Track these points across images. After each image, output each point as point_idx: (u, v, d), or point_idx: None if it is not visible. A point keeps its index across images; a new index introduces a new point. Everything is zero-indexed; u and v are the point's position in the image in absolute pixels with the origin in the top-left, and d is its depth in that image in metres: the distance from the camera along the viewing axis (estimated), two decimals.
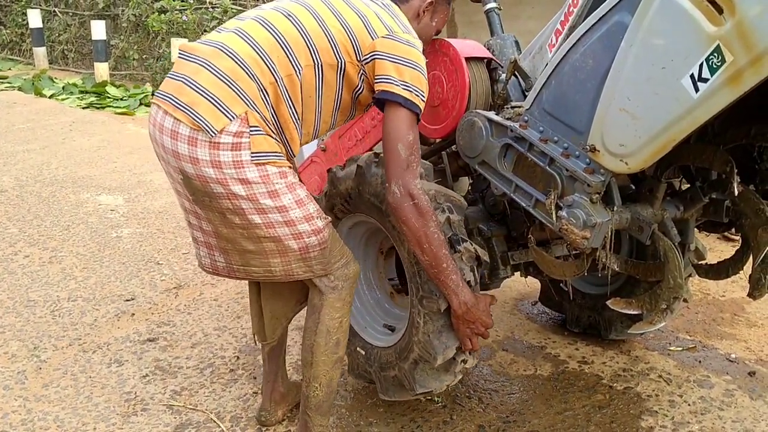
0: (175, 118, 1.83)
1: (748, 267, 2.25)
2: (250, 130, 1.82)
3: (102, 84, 10.20)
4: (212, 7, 9.87)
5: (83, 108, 9.19)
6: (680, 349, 3.13)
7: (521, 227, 2.47)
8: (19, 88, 10.36)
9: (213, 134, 1.79)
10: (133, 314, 3.39)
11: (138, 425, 2.51)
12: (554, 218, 1.98)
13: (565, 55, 1.95)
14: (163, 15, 10.03)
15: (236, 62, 1.85)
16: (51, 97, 9.78)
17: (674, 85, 1.62)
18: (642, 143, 1.75)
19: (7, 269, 3.89)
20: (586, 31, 1.88)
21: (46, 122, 7.98)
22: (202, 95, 1.82)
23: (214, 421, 2.53)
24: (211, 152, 1.80)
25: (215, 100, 1.81)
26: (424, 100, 1.96)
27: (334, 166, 2.53)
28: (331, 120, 2.12)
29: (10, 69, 12.63)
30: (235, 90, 1.83)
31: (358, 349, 2.57)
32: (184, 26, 9.75)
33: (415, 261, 2.18)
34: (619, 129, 1.78)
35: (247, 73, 1.84)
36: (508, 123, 2.15)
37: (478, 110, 2.33)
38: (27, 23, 12.69)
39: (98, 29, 10.77)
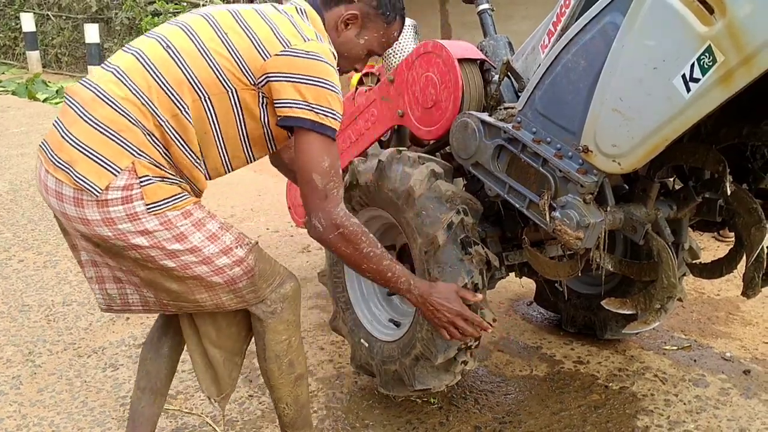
0: (56, 178, 1.66)
1: (742, 266, 2.26)
2: (140, 181, 1.65)
3: None
4: None
5: None
6: (675, 348, 3.14)
7: (515, 228, 2.48)
8: (13, 92, 10.35)
9: (98, 193, 1.62)
10: (128, 318, 3.38)
11: None
12: (548, 219, 1.98)
13: (557, 56, 1.95)
14: (156, 18, 10.03)
15: (114, 109, 1.66)
16: (45, 100, 9.77)
17: (666, 85, 1.62)
18: (635, 143, 1.75)
19: (2, 274, 3.88)
20: (578, 32, 1.88)
21: (40, 126, 7.96)
22: (81, 152, 1.64)
23: (210, 425, 2.53)
24: (100, 211, 1.64)
25: (96, 156, 1.63)
26: (337, 118, 1.73)
27: (355, 159, 2.55)
28: (244, 155, 1.88)
29: (3, 73, 12.63)
30: (118, 141, 1.65)
31: (362, 340, 2.60)
32: None
33: (426, 259, 2.21)
34: (611, 129, 1.79)
35: (128, 120, 1.66)
36: (501, 124, 2.16)
37: (471, 111, 2.33)
38: (20, 27, 12.68)
39: (92, 32, 10.76)
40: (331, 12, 1.88)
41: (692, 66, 1.56)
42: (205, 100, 1.72)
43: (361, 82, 3.22)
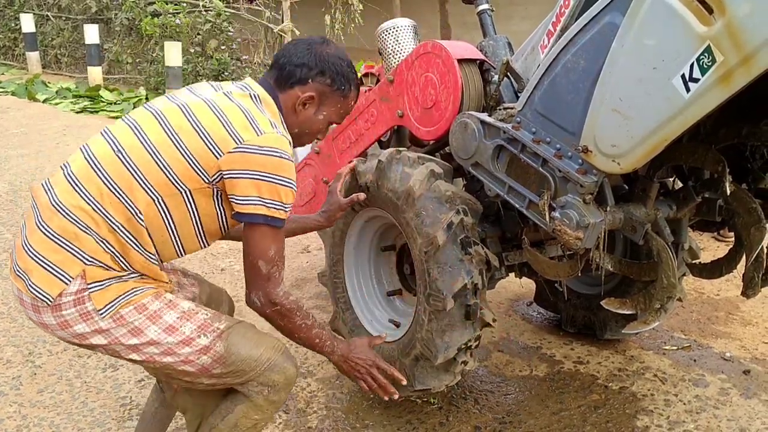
0: (17, 287, 1.72)
1: (741, 266, 2.26)
2: (90, 287, 1.67)
3: (95, 88, 10.19)
4: (205, 10, 9.86)
5: (77, 112, 9.17)
6: (675, 348, 3.14)
7: (515, 228, 2.48)
8: (13, 93, 10.34)
9: (50, 301, 1.66)
10: None
11: (133, 430, 2.50)
12: (547, 219, 1.99)
13: (557, 56, 1.95)
14: (156, 18, 10.01)
15: (68, 219, 1.67)
16: (44, 101, 9.76)
17: (666, 85, 1.63)
18: (634, 143, 1.75)
19: (1, 274, 3.88)
20: (578, 32, 1.88)
21: (40, 127, 7.96)
22: (35, 261, 1.68)
23: None
24: (55, 315, 1.68)
25: (48, 265, 1.67)
26: (287, 210, 1.74)
27: (355, 159, 2.56)
28: (199, 244, 1.87)
29: (3, 74, 12.61)
30: (70, 250, 1.67)
31: None
32: (178, 30, 9.74)
33: (425, 259, 2.22)
34: (611, 129, 1.79)
35: (80, 228, 1.67)
36: (501, 124, 2.16)
37: (470, 112, 2.33)
38: (20, 28, 12.65)
39: (91, 33, 10.74)
40: (286, 94, 1.86)
41: (692, 66, 1.57)
42: (159, 202, 1.71)
43: (360, 83, 3.22)
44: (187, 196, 1.73)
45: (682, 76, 1.59)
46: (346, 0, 9.34)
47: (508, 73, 2.39)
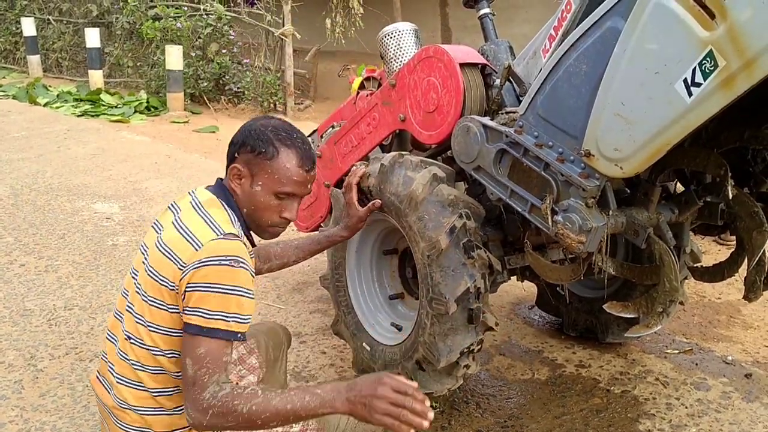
0: None
1: (743, 269, 2.26)
2: None
3: (96, 92, 10.20)
4: (206, 14, 9.88)
5: (78, 116, 9.18)
6: (677, 351, 3.14)
7: (517, 232, 2.48)
8: (14, 97, 10.35)
9: None
10: None
11: None
12: (550, 223, 1.99)
13: (559, 61, 1.96)
14: (157, 22, 10.03)
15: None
16: (45, 105, 9.77)
17: (668, 89, 1.63)
18: (636, 147, 1.75)
19: (3, 278, 3.88)
20: (580, 37, 1.89)
21: (41, 130, 7.97)
22: None
23: None
24: None
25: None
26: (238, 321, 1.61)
27: (357, 162, 2.56)
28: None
29: (4, 77, 12.63)
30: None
31: (364, 345, 2.60)
32: (179, 33, 9.76)
33: (428, 262, 2.22)
34: (613, 133, 1.79)
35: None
36: (503, 128, 2.16)
37: (472, 116, 2.34)
38: (21, 31, 12.68)
39: (92, 37, 10.76)
40: (228, 174, 1.80)
41: (694, 70, 1.57)
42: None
43: (362, 87, 3.23)
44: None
45: (684, 80, 1.59)
46: (347, 3, 9.35)
47: (510, 78, 2.40)
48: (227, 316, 1.58)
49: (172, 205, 1.83)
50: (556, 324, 3.38)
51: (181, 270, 1.61)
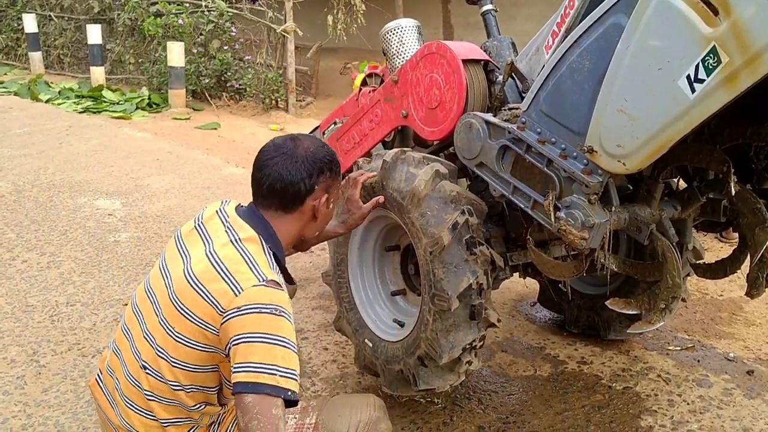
0: None
1: (746, 266, 2.26)
2: None
3: (98, 88, 10.20)
4: (208, 11, 9.87)
5: (79, 112, 9.18)
6: (679, 348, 3.14)
7: (520, 228, 2.48)
8: (16, 93, 10.35)
9: None
10: None
11: None
12: (552, 219, 1.99)
13: (562, 57, 1.96)
14: (158, 19, 10.01)
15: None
16: (47, 101, 9.77)
17: (671, 86, 1.63)
18: (639, 144, 1.75)
19: (5, 274, 3.89)
20: (583, 33, 1.89)
21: (43, 127, 7.97)
22: None
23: None
24: None
25: None
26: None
27: (359, 159, 2.56)
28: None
29: (6, 74, 12.63)
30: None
31: (366, 341, 2.60)
32: (180, 30, 9.74)
33: (430, 259, 2.22)
34: (616, 130, 1.79)
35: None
36: (506, 125, 2.16)
37: (475, 112, 2.34)
38: (22, 28, 12.67)
39: (94, 33, 10.75)
40: (298, 212, 1.72)
41: (697, 67, 1.57)
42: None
43: (365, 83, 3.23)
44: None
45: (688, 76, 1.59)
46: (349, 0, 9.34)
47: (513, 74, 2.40)
48: (273, 370, 1.45)
49: (199, 225, 1.72)
50: (558, 321, 3.38)
51: (221, 315, 1.51)
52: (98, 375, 1.78)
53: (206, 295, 1.53)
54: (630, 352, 3.09)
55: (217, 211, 1.73)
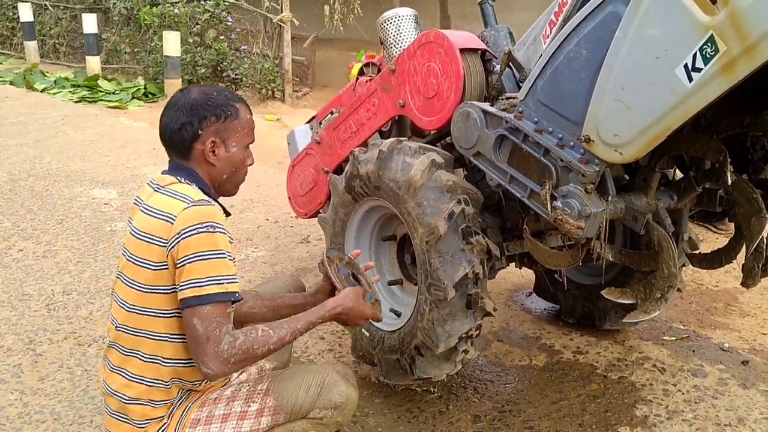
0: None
1: (741, 256, 2.27)
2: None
3: (94, 78, 10.16)
4: (204, 0, 9.83)
5: (75, 102, 9.15)
6: (674, 338, 3.15)
7: (516, 218, 2.48)
8: (11, 83, 10.30)
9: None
10: None
11: None
12: (549, 209, 1.99)
13: (559, 46, 1.95)
14: (154, 8, 9.97)
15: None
16: (43, 91, 9.73)
17: (668, 74, 1.63)
18: (636, 133, 1.75)
19: (2, 263, 3.88)
20: (581, 22, 1.88)
21: (38, 116, 7.94)
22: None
23: None
24: None
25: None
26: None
27: (356, 149, 2.56)
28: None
29: (1, 63, 12.56)
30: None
31: (362, 330, 2.61)
32: (176, 19, 9.70)
33: (426, 248, 2.22)
34: (613, 119, 1.79)
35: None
36: (503, 114, 2.16)
37: (472, 101, 2.33)
38: (18, 17, 12.60)
39: (89, 23, 10.71)
40: (193, 157, 1.86)
41: (694, 55, 1.57)
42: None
43: (362, 72, 3.22)
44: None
45: (685, 65, 1.59)
46: None
47: (510, 63, 2.39)
48: (220, 280, 1.68)
49: (136, 199, 1.89)
50: (553, 311, 3.39)
51: (167, 247, 1.70)
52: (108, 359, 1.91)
53: (151, 239, 1.72)
54: (625, 342, 3.10)
55: (147, 183, 1.90)
